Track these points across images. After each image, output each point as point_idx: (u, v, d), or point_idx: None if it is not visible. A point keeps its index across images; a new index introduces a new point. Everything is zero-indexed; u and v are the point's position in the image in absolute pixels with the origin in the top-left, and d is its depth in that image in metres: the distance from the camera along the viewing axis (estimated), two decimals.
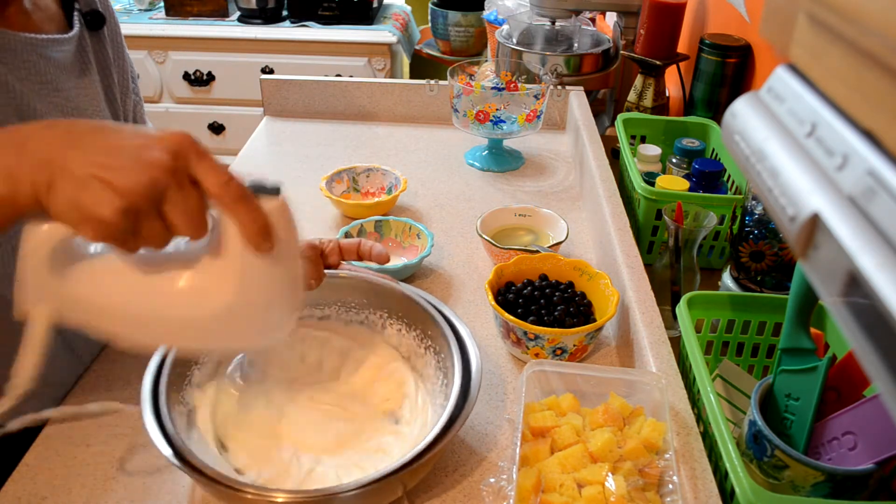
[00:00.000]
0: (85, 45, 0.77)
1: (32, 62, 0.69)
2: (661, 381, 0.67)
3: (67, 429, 0.71)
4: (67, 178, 0.45)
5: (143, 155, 0.46)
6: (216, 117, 2.57)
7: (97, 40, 0.81)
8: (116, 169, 0.45)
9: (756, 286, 0.87)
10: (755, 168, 0.34)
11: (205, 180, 0.48)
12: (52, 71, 0.71)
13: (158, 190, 0.46)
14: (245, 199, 0.49)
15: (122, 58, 0.86)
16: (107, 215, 0.45)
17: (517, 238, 1.02)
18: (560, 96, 1.39)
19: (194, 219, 0.48)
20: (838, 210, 0.27)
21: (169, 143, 0.47)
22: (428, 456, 0.57)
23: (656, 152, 1.14)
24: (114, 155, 0.46)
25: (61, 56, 0.73)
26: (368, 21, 2.47)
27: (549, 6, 1.50)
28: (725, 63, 1.20)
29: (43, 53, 0.70)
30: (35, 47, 0.69)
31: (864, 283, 0.25)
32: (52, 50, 0.71)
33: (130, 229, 0.47)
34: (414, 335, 0.73)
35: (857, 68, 0.28)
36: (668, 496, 0.59)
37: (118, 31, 0.86)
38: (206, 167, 0.48)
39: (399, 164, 1.26)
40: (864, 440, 0.58)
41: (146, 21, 2.46)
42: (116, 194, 0.45)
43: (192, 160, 0.47)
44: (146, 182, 0.45)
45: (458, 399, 0.62)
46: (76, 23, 0.76)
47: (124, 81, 0.86)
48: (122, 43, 0.87)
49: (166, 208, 0.47)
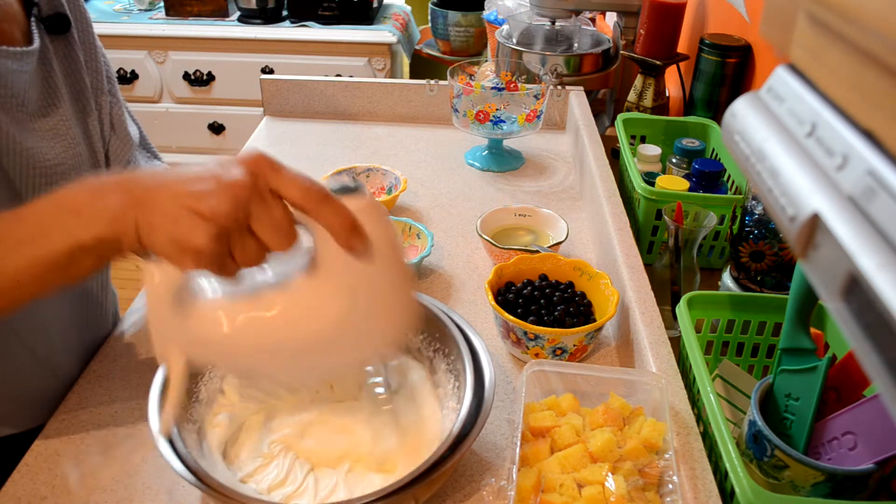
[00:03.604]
0: (48, 55, 0.73)
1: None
2: (661, 381, 0.67)
3: (67, 429, 0.71)
4: (162, 214, 0.48)
5: (223, 179, 0.48)
6: (216, 117, 2.57)
7: (64, 44, 0.76)
8: (202, 197, 0.47)
9: (756, 286, 0.87)
10: (755, 168, 0.34)
11: (285, 190, 0.49)
12: (17, 84, 0.68)
13: (243, 208, 0.48)
14: (328, 201, 0.49)
15: (95, 59, 0.81)
16: (201, 243, 0.47)
17: (517, 238, 1.02)
18: (560, 96, 1.39)
19: (282, 229, 0.49)
20: (838, 210, 0.27)
21: (244, 162, 0.49)
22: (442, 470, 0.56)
23: (656, 152, 1.14)
24: (197, 185, 0.48)
25: (25, 69, 0.69)
26: (368, 21, 2.48)
27: (549, 6, 1.50)
28: (725, 63, 1.20)
29: (4, 66, 0.66)
30: (2, 60, 0.66)
31: (864, 283, 0.25)
32: (13, 63, 0.67)
33: (225, 252, 0.49)
34: (421, 338, 0.72)
35: (857, 68, 0.28)
36: (668, 496, 0.59)
37: (90, 30, 0.81)
38: (285, 177, 0.49)
39: (399, 164, 1.26)
40: (864, 440, 0.58)
41: (146, 21, 2.46)
42: (206, 221, 0.47)
43: (269, 174, 0.49)
44: (230, 203, 0.47)
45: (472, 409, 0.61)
46: (35, 34, 0.72)
47: (98, 83, 0.81)
48: (95, 43, 0.82)
49: (254, 224, 0.49)
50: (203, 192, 0.47)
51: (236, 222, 0.48)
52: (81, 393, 0.75)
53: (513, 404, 0.75)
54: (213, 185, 0.48)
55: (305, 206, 0.49)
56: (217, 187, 0.47)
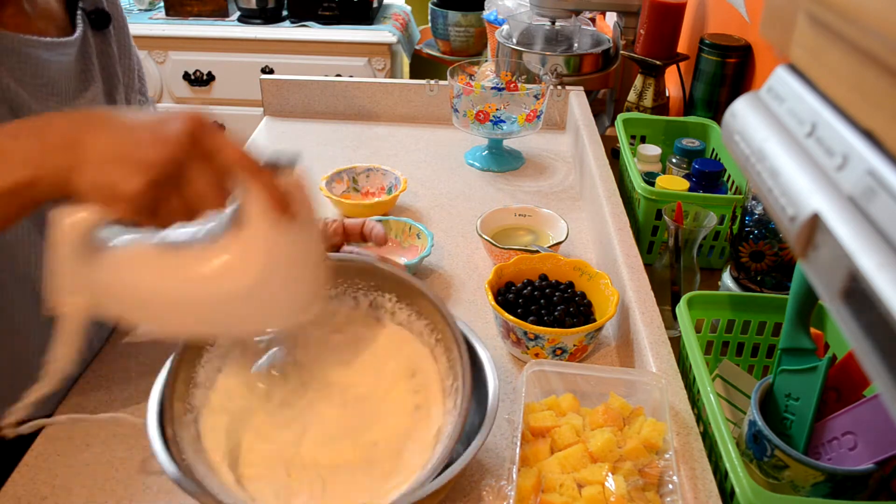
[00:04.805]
0: (88, 47, 0.76)
1: (32, 64, 0.68)
2: (661, 381, 0.67)
3: (67, 429, 0.71)
4: (90, 159, 0.47)
5: (162, 131, 0.47)
6: (216, 117, 2.57)
7: (102, 40, 0.79)
8: (137, 145, 0.46)
9: (756, 286, 0.87)
10: (755, 168, 0.34)
11: (221, 151, 0.49)
12: (53, 74, 0.70)
13: (179, 162, 0.47)
14: (261, 170, 0.50)
15: (129, 56, 0.85)
16: (133, 190, 0.46)
17: (517, 238, 1.02)
18: (560, 96, 1.39)
19: (215, 189, 0.49)
20: (838, 210, 0.27)
21: (184, 119, 0.48)
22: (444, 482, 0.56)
23: (656, 152, 1.14)
24: (133, 133, 0.47)
25: (63, 59, 0.72)
26: (368, 21, 2.47)
27: (549, 6, 1.50)
28: (725, 63, 1.20)
29: (43, 56, 0.69)
30: (35, 49, 0.68)
31: (864, 284, 0.25)
32: (54, 53, 0.70)
33: (155, 204, 0.48)
34: (424, 323, 0.70)
35: (857, 68, 0.28)
36: (668, 496, 0.59)
37: (125, 29, 0.84)
38: (223, 140, 0.49)
39: (399, 164, 1.25)
40: (864, 440, 0.58)
41: (146, 21, 2.46)
42: (140, 169, 0.46)
43: (208, 134, 0.49)
44: (167, 155, 0.46)
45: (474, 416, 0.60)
46: (79, 25, 0.75)
47: (130, 81, 0.85)
48: (129, 42, 0.85)
49: (188, 180, 0.48)
50: (141, 140, 0.47)
51: (169, 177, 0.47)
52: (82, 393, 0.75)
53: (513, 404, 0.75)
54: (151, 136, 0.47)
55: (240, 170, 0.49)
56: (156, 139, 0.47)
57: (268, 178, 0.50)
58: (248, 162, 0.49)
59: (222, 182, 0.50)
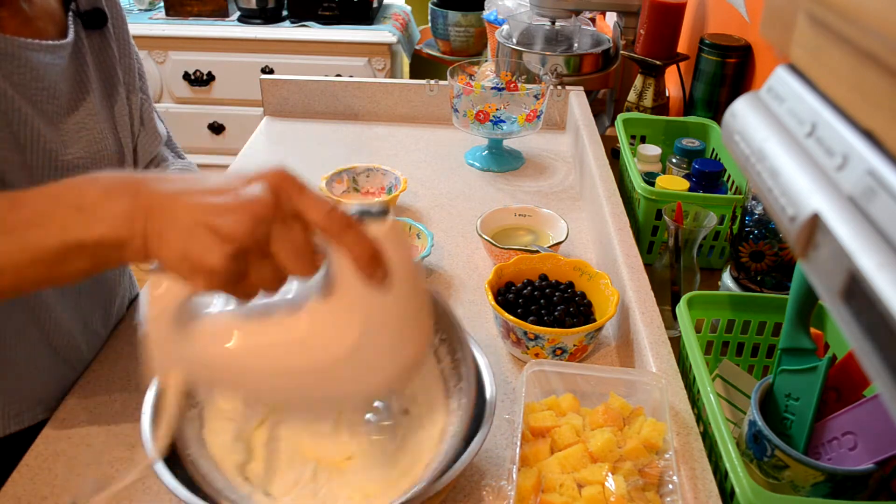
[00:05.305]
0: (82, 49, 0.74)
1: (29, 68, 0.67)
2: (661, 381, 0.67)
3: (67, 429, 0.71)
4: (175, 226, 0.45)
5: (244, 196, 0.45)
6: (216, 117, 2.57)
7: (100, 39, 0.78)
8: (220, 213, 0.44)
9: (756, 286, 0.87)
10: (755, 168, 0.34)
11: (308, 213, 0.46)
12: (50, 77, 0.69)
13: (264, 227, 0.45)
14: (351, 227, 0.47)
15: (129, 55, 0.83)
16: (216, 263, 0.44)
17: (517, 238, 1.02)
18: (560, 96, 1.39)
19: (302, 254, 0.47)
20: (838, 210, 0.27)
21: (267, 180, 0.46)
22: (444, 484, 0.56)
23: (656, 152, 1.14)
24: (215, 199, 0.45)
25: (60, 62, 0.70)
26: (368, 21, 2.48)
27: (549, 6, 1.50)
28: (725, 63, 1.20)
29: (39, 59, 0.68)
30: (32, 52, 0.67)
31: (864, 283, 0.25)
32: (50, 56, 0.69)
33: (241, 274, 0.46)
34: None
35: (857, 68, 0.28)
36: (668, 496, 0.59)
37: (124, 27, 0.83)
38: (308, 200, 0.46)
39: (399, 164, 1.26)
40: (864, 440, 0.58)
41: (146, 21, 2.46)
42: (223, 240, 0.44)
43: (293, 194, 0.46)
44: (250, 223, 0.44)
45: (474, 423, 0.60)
46: (70, 27, 0.73)
47: (130, 80, 0.83)
48: (129, 40, 0.84)
49: (274, 247, 0.46)
50: (222, 207, 0.44)
51: (256, 244, 0.45)
52: (82, 393, 0.75)
53: (513, 404, 0.75)
54: (232, 201, 0.44)
55: (327, 230, 0.47)
56: (237, 204, 0.44)
57: (357, 237, 0.47)
58: (336, 221, 0.46)
59: (310, 245, 0.47)
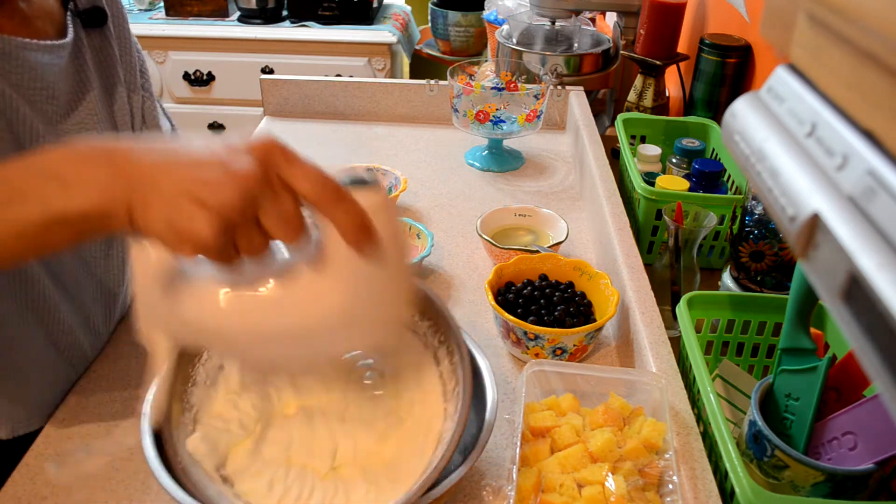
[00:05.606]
0: (82, 48, 0.74)
1: (28, 68, 0.66)
2: (661, 381, 0.67)
3: (67, 429, 0.71)
4: (160, 197, 0.44)
5: (233, 166, 0.45)
6: (216, 117, 2.57)
7: (100, 38, 0.77)
8: (208, 184, 0.44)
9: (756, 286, 0.87)
10: (755, 168, 0.34)
11: (297, 183, 0.46)
12: (50, 78, 0.68)
13: (252, 200, 0.45)
14: (341, 198, 0.47)
15: (130, 54, 0.82)
16: (204, 234, 0.44)
17: (517, 238, 1.02)
18: (560, 96, 1.39)
19: (291, 223, 0.47)
20: (838, 210, 0.27)
21: (256, 150, 0.46)
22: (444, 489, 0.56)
23: (656, 152, 1.14)
24: (203, 169, 0.45)
25: (60, 62, 0.70)
26: (368, 21, 2.48)
27: (549, 6, 1.50)
28: (725, 63, 1.20)
29: (39, 59, 0.67)
30: (32, 52, 0.66)
31: (864, 284, 0.25)
32: (50, 56, 0.68)
33: (229, 244, 0.46)
34: (427, 325, 0.69)
35: (857, 68, 0.28)
36: (668, 496, 0.59)
37: (125, 25, 0.82)
38: (297, 170, 0.46)
39: (399, 164, 1.25)
40: (864, 440, 0.58)
41: (146, 21, 2.46)
42: (211, 211, 0.44)
43: (281, 165, 0.46)
44: (239, 194, 0.44)
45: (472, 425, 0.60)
46: (69, 26, 0.72)
47: (131, 78, 0.82)
48: (130, 38, 0.83)
49: (262, 217, 0.46)
50: (209, 179, 0.44)
51: (243, 214, 0.45)
52: (82, 393, 0.75)
53: (513, 404, 0.75)
54: (220, 173, 0.44)
55: (317, 202, 0.47)
56: (225, 175, 0.44)
57: (347, 208, 0.47)
58: (325, 192, 0.46)
59: (299, 214, 0.47)
